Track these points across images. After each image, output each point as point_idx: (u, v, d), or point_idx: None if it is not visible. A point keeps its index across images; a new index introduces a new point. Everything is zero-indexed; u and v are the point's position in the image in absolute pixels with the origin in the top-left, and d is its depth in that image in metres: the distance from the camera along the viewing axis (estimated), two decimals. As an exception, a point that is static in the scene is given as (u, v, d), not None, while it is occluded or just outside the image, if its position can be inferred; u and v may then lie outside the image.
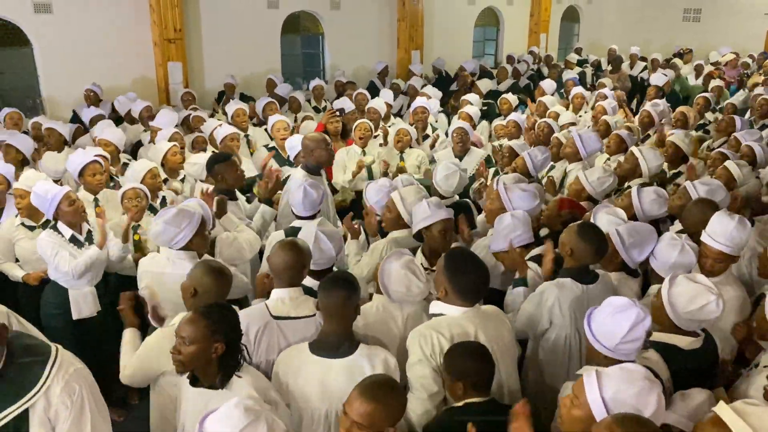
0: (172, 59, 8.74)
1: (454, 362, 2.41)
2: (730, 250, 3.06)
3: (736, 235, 3.04)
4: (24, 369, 1.98)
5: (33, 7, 7.85)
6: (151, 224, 3.39)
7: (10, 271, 4.18)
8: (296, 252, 2.83)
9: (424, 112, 6.86)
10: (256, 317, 2.72)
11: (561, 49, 15.31)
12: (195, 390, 2.38)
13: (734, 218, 3.07)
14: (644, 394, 1.93)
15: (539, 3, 14.03)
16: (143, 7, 8.57)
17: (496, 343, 2.62)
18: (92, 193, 4.65)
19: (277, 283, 2.86)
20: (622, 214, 3.59)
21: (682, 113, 6.41)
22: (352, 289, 2.55)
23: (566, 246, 3.05)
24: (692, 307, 2.51)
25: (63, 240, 3.81)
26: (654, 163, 4.71)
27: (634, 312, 2.31)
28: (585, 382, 2.01)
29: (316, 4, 10.52)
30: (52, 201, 3.77)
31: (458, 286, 2.60)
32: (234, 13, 9.41)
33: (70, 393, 1.99)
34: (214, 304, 2.46)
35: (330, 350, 2.51)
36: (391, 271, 2.86)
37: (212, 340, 2.28)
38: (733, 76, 10.24)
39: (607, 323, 2.35)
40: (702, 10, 14.82)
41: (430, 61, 11.75)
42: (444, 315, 2.65)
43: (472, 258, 2.72)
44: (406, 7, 11.31)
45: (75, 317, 3.89)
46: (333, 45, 11.07)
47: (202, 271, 2.77)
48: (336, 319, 2.52)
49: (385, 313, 2.91)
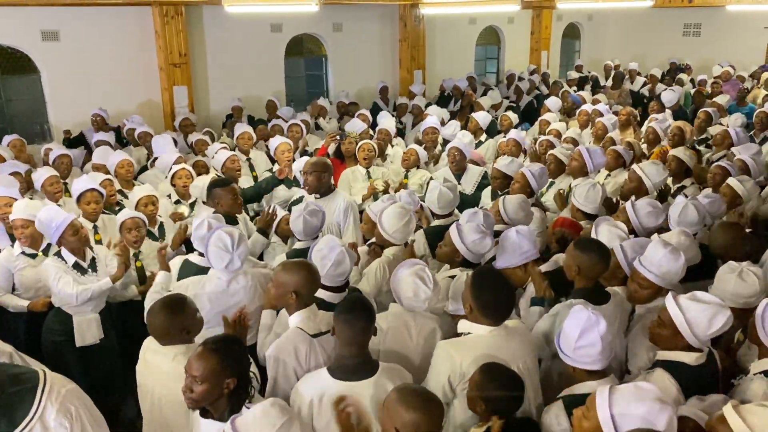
0: (178, 83, 8.89)
1: (483, 385, 2.39)
2: (654, 278, 2.95)
3: (664, 264, 2.93)
4: (14, 398, 1.95)
5: (41, 35, 8.03)
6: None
7: (12, 302, 4.08)
8: (311, 270, 2.87)
9: (434, 132, 6.89)
10: (300, 340, 2.71)
11: (562, 66, 15.41)
12: (205, 421, 2.39)
13: (667, 248, 2.97)
14: (653, 413, 1.94)
15: (540, 21, 14.15)
16: (149, 33, 8.74)
17: (522, 361, 2.66)
18: (90, 221, 4.65)
19: (298, 304, 2.82)
20: (623, 226, 3.61)
21: (678, 128, 6.43)
22: (370, 314, 2.54)
23: (572, 267, 3.06)
24: (713, 329, 2.49)
25: (67, 267, 3.85)
26: (657, 178, 4.72)
27: (584, 315, 2.35)
28: (597, 396, 2.04)
29: (318, 27, 10.67)
30: (57, 228, 3.80)
31: (483, 304, 2.64)
32: (238, 37, 9.56)
33: (67, 414, 1.97)
34: (223, 338, 2.46)
35: (350, 373, 2.49)
36: (401, 277, 2.93)
37: (223, 377, 2.28)
38: (728, 90, 10.26)
39: (564, 329, 2.42)
40: (702, 25, 14.90)
41: (432, 81, 11.87)
42: (471, 334, 2.67)
43: (499, 276, 2.75)
44: (407, 27, 11.44)
45: (78, 344, 3.90)
46: (336, 66, 11.21)
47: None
48: (356, 345, 2.50)
49: (399, 322, 2.95)
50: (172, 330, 2.68)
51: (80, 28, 8.25)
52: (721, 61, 12.72)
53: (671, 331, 2.56)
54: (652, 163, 4.98)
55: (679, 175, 5.31)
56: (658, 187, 4.81)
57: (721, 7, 12.43)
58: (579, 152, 5.22)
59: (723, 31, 14.26)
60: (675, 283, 2.99)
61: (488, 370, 2.44)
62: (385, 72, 11.60)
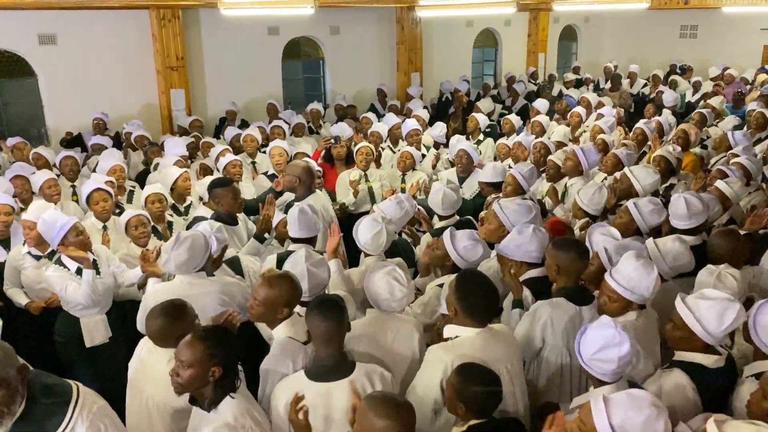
0: (175, 86, 8.90)
1: (461, 386, 2.39)
2: (623, 291, 2.84)
3: (635, 277, 2.82)
4: (47, 410, 1.99)
5: (38, 39, 8.03)
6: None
7: (15, 297, 4.26)
8: (294, 280, 2.87)
9: (417, 134, 7.03)
10: (294, 349, 2.73)
11: (560, 68, 15.43)
12: (194, 408, 2.43)
13: (639, 261, 2.86)
14: (652, 420, 1.94)
15: (537, 23, 14.17)
16: (146, 37, 8.74)
17: (509, 362, 2.68)
18: (101, 221, 4.74)
19: (281, 314, 2.82)
20: (616, 233, 3.62)
21: (683, 131, 6.46)
22: (341, 313, 2.56)
23: (552, 266, 3.09)
24: (726, 324, 2.49)
25: (69, 273, 3.84)
26: (647, 180, 4.74)
27: (610, 333, 2.35)
28: (592, 407, 2.02)
29: (316, 30, 10.68)
30: (60, 230, 3.80)
31: (468, 306, 2.65)
32: (235, 41, 9.57)
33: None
34: (213, 327, 2.49)
35: (327, 374, 2.51)
36: (375, 280, 2.92)
37: (210, 365, 2.31)
38: (729, 93, 10.29)
39: (587, 336, 2.42)
40: (699, 27, 14.94)
41: (429, 83, 11.88)
42: (459, 336, 2.68)
43: (483, 279, 2.77)
44: (404, 30, 11.46)
45: (88, 345, 3.93)
46: (333, 69, 11.22)
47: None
48: (330, 344, 2.52)
49: (376, 326, 2.94)
50: (169, 335, 2.70)
51: (77, 32, 8.26)
52: (718, 63, 12.76)
53: (686, 332, 2.56)
54: (644, 167, 5.00)
55: (665, 175, 5.39)
56: (648, 190, 4.83)
57: (717, 9, 12.45)
58: (573, 152, 5.33)
59: (719, 32, 14.30)
60: (646, 297, 2.87)
61: (464, 370, 2.43)
62: (382, 75, 11.61)
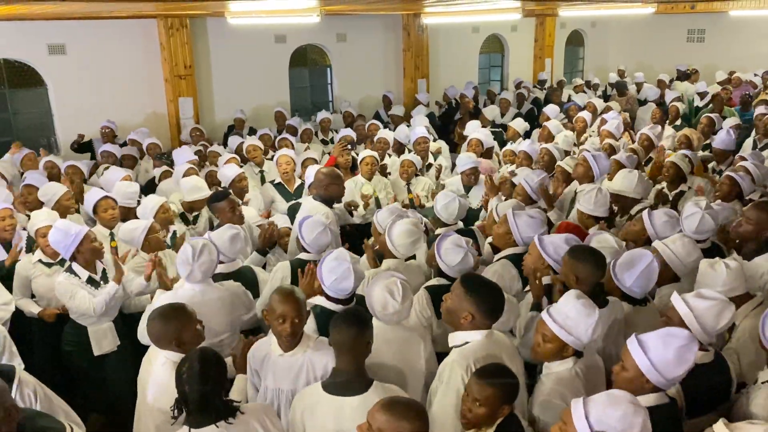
0: (183, 95, 8.97)
1: (482, 388, 2.38)
2: (558, 330, 2.53)
3: (573, 316, 2.53)
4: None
5: (47, 49, 8.11)
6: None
7: (26, 308, 4.22)
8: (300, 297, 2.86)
9: (425, 141, 6.93)
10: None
11: (567, 73, 15.42)
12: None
13: (579, 301, 2.57)
14: (629, 416, 1.99)
15: (543, 29, 14.16)
16: (154, 45, 8.82)
17: (518, 362, 2.76)
18: (108, 228, 4.72)
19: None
20: (612, 240, 3.61)
21: (685, 136, 6.46)
22: (363, 324, 2.55)
23: (570, 276, 3.09)
24: (721, 324, 2.62)
25: (80, 282, 3.85)
26: (629, 187, 4.73)
27: (691, 345, 2.30)
28: (572, 408, 2.06)
29: (322, 37, 10.73)
30: (74, 240, 3.80)
31: (486, 306, 2.68)
32: (243, 49, 9.62)
33: None
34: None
35: (342, 389, 2.49)
36: (373, 289, 2.92)
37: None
38: (736, 96, 10.25)
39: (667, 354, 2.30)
40: (706, 31, 14.91)
41: (436, 90, 11.90)
42: (469, 342, 2.68)
43: (486, 279, 2.88)
44: (411, 37, 11.49)
45: (96, 353, 3.93)
46: (340, 76, 11.27)
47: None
48: (348, 356, 2.51)
49: (378, 337, 2.90)
50: (164, 337, 2.79)
51: (86, 42, 8.34)
52: (725, 68, 12.72)
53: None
54: (626, 173, 4.93)
55: (675, 182, 5.34)
56: (642, 196, 4.81)
57: (725, 13, 12.43)
58: (584, 157, 5.27)
59: (727, 36, 14.26)
60: (583, 342, 2.54)
61: (484, 372, 2.40)
62: (389, 81, 11.64)
